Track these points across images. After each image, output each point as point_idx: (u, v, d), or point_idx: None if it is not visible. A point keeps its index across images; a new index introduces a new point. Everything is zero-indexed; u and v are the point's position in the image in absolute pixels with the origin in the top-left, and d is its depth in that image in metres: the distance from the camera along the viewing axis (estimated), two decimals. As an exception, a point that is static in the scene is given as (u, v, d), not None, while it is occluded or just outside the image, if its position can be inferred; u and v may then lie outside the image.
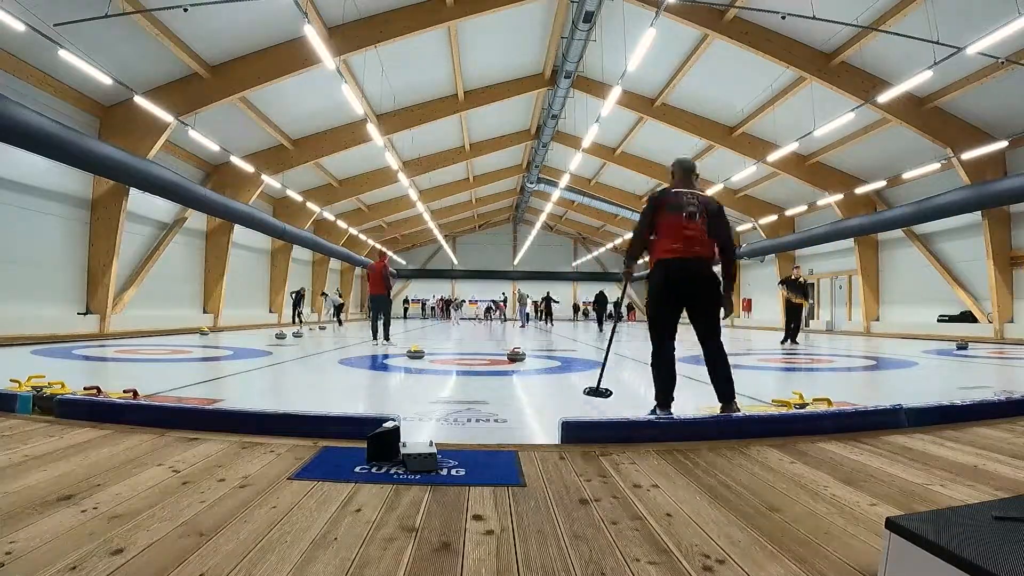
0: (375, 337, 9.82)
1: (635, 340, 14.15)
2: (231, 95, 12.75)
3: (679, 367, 3.24)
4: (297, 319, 19.94)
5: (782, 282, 11.88)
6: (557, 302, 29.95)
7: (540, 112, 19.82)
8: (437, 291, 39.24)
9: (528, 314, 24.88)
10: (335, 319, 21.50)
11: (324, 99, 14.87)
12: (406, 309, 37.21)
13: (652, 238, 3.27)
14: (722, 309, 3.25)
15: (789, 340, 11.34)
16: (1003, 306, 13.97)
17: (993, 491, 1.84)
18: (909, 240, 17.14)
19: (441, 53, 14.56)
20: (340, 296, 23.62)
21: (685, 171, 3.43)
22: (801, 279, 11.44)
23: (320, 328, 16.31)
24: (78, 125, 11.02)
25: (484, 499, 1.76)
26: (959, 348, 10.48)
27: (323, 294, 22.05)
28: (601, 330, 20.45)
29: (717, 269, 3.27)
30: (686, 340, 3.49)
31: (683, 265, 3.14)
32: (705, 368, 3.22)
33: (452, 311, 33.62)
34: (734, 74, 14.64)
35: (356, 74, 14.10)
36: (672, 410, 3.20)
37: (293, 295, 20.17)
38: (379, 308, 9.92)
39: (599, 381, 4.13)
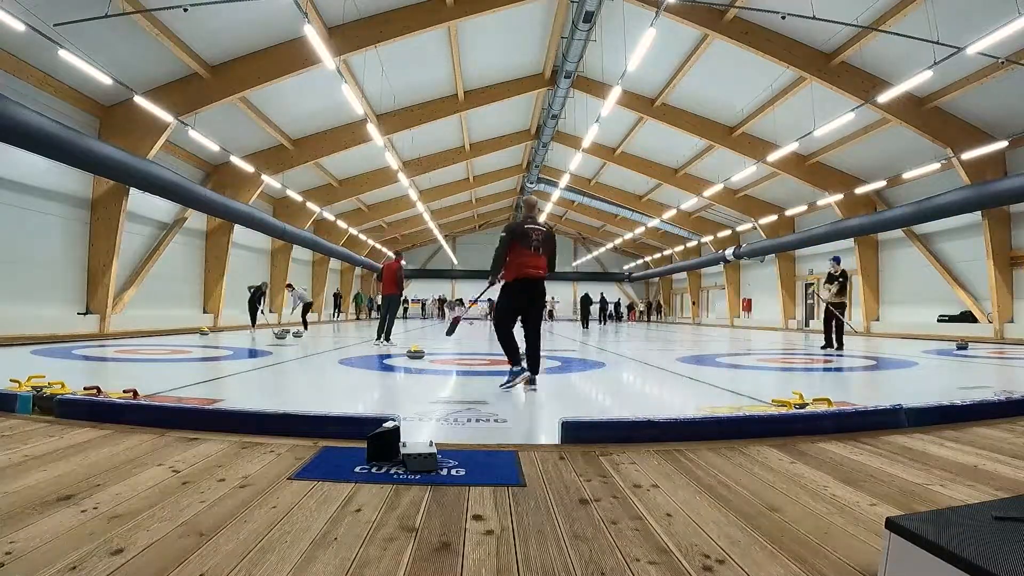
0: (379, 336, 9.86)
1: (634, 340, 14.14)
2: (231, 95, 12.75)
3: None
4: (267, 318, 16.06)
5: (829, 279, 10.08)
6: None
7: (540, 112, 19.82)
8: (437, 291, 39.27)
9: None
10: (300, 322, 16.35)
11: (324, 99, 14.87)
12: (405, 309, 37.33)
13: (508, 259, 4.64)
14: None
15: (836, 344, 9.88)
16: (1003, 306, 13.97)
17: (993, 491, 1.84)
18: (909, 240, 17.15)
19: (441, 53, 14.56)
20: (308, 292, 19.41)
21: (529, 207, 5.00)
22: (837, 272, 9.96)
23: (277, 336, 11.78)
24: (78, 125, 11.01)
25: (484, 499, 1.76)
26: (959, 348, 10.47)
27: (288, 286, 16.91)
28: (586, 328, 21.69)
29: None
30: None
31: (535, 282, 4.64)
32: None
33: (447, 310, 33.56)
34: (734, 74, 14.64)
35: (356, 74, 14.10)
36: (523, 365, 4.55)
37: (251, 290, 15.50)
38: (389, 307, 10.14)
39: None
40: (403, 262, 10.99)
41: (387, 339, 9.79)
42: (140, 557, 1.29)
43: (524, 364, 4.58)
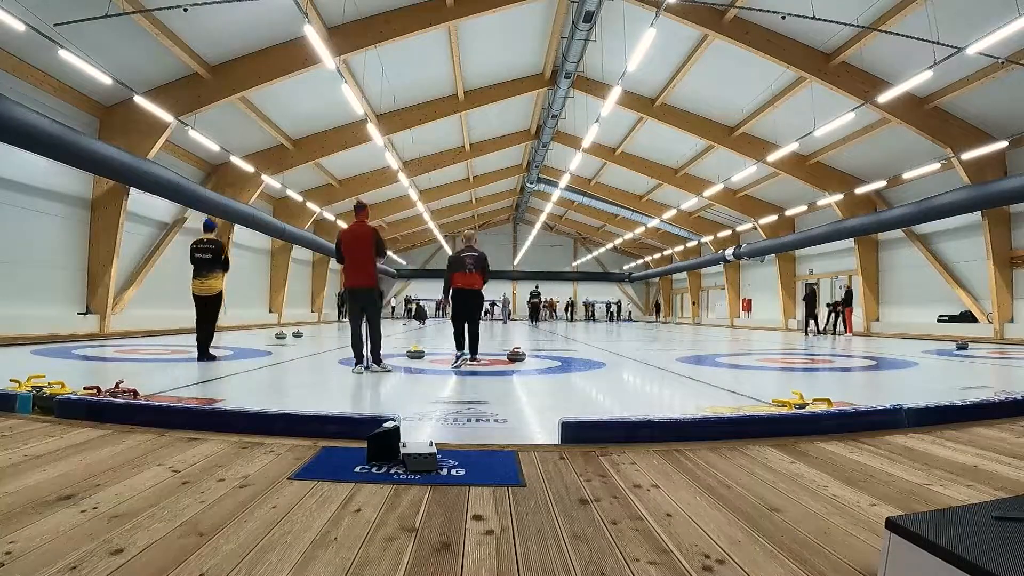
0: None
1: (634, 340, 14.13)
2: (231, 95, 12.75)
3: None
4: None
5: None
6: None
7: (540, 112, 19.82)
8: (437, 292, 39.32)
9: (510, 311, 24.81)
10: None
11: (324, 99, 14.86)
12: (408, 310, 37.29)
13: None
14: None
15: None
16: (1003, 306, 13.97)
17: (993, 491, 1.84)
18: (909, 240, 17.14)
19: (441, 53, 14.56)
20: None
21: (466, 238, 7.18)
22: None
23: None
24: (78, 125, 11.00)
25: (484, 499, 1.76)
26: (959, 348, 10.46)
27: None
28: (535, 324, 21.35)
29: None
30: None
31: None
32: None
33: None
34: (734, 74, 14.64)
35: (356, 74, 14.09)
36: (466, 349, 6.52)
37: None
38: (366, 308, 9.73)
39: None
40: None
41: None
42: (140, 557, 1.29)
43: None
